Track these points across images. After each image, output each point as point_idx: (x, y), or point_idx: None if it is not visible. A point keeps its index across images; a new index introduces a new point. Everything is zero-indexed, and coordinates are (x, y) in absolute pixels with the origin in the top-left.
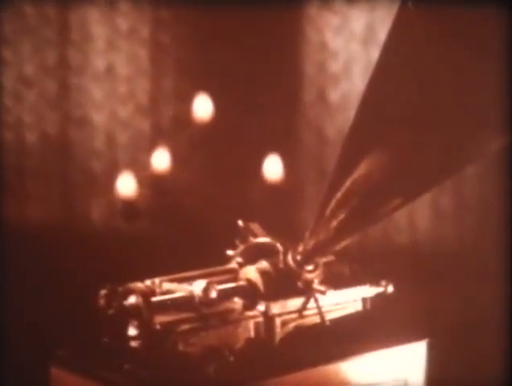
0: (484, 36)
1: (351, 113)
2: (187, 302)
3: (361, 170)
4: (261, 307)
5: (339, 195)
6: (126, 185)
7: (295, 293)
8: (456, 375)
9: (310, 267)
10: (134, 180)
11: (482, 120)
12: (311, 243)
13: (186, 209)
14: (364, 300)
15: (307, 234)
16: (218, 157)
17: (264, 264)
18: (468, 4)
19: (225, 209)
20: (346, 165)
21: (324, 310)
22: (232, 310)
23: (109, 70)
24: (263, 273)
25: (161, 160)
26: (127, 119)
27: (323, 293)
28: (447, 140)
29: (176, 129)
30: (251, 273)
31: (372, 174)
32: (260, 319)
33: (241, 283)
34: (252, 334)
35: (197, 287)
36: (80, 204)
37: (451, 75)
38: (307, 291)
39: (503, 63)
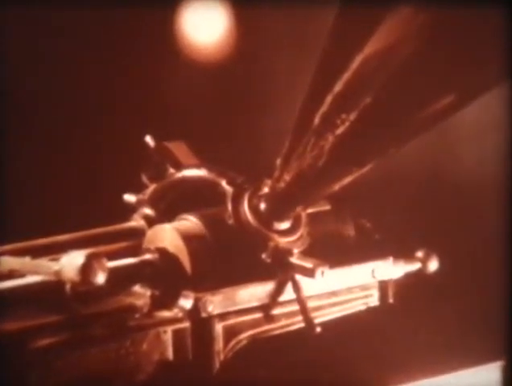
0: None
1: None
2: (48, 293)
3: (380, 39)
4: (186, 302)
5: (338, 87)
6: None
7: (256, 274)
8: None
9: (284, 224)
10: None
11: None
12: (285, 179)
13: (49, 120)
14: (383, 286)
15: (278, 162)
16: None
17: (193, 219)
18: None
19: (121, 117)
20: (352, 32)
21: (311, 306)
22: (132, 309)
23: None
24: (192, 238)
25: None
26: None
27: (309, 273)
28: None
29: None
30: (168, 236)
31: (402, 48)
32: (185, 325)
33: (150, 256)
34: (169, 353)
35: (69, 264)
36: None
37: None
38: (280, 270)
39: None
